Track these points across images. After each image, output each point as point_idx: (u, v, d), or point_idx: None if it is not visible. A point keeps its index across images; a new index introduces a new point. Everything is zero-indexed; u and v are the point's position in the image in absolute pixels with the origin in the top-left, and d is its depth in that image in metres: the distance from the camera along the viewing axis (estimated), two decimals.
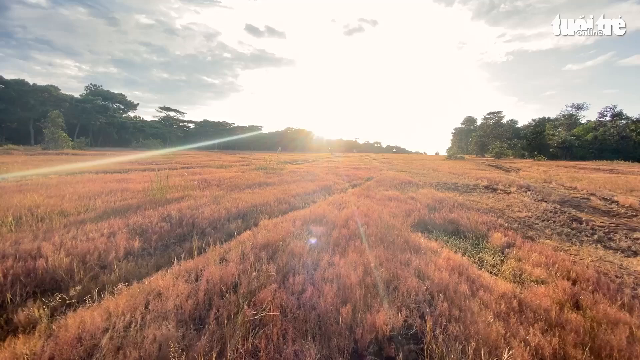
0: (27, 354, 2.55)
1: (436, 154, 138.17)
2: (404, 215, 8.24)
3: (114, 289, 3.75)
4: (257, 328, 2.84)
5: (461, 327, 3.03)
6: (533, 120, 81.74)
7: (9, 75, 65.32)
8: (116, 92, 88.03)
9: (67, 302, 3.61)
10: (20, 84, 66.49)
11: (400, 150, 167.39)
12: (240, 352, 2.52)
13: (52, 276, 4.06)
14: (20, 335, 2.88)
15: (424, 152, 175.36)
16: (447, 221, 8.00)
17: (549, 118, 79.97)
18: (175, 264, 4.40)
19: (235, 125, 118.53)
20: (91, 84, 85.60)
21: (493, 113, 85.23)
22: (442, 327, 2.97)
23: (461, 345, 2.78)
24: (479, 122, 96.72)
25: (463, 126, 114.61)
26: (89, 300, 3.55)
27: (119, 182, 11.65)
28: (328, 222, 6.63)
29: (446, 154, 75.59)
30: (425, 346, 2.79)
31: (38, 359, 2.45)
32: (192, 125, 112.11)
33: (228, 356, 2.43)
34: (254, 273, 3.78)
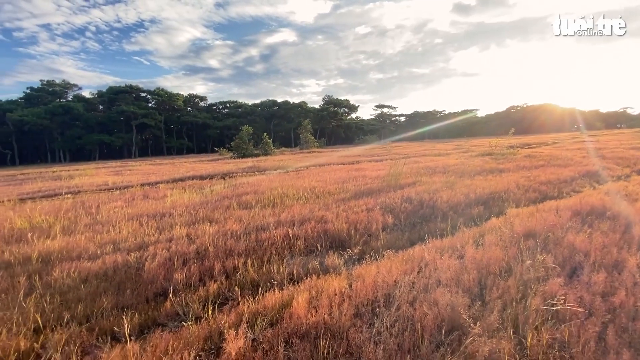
0: (344, 287, 3.46)
1: None
2: None
3: (382, 253, 4.44)
4: (553, 320, 2.48)
5: None
6: None
7: (279, 99, 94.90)
8: (342, 98, 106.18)
9: (353, 257, 4.65)
10: (286, 104, 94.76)
11: None
12: (539, 339, 2.27)
13: (337, 237, 5.35)
14: (332, 275, 3.96)
15: None
16: None
17: None
18: (428, 240, 4.69)
19: (446, 112, 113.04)
20: (326, 95, 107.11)
21: None
22: None
23: None
24: None
25: None
26: (367, 259, 4.40)
27: (357, 171, 13.89)
28: (619, 216, 4.93)
29: None
30: None
31: (354, 293, 3.25)
32: (402, 119, 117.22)
33: (529, 342, 2.26)
34: (528, 262, 3.35)
